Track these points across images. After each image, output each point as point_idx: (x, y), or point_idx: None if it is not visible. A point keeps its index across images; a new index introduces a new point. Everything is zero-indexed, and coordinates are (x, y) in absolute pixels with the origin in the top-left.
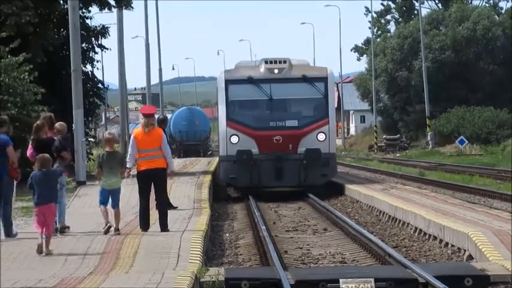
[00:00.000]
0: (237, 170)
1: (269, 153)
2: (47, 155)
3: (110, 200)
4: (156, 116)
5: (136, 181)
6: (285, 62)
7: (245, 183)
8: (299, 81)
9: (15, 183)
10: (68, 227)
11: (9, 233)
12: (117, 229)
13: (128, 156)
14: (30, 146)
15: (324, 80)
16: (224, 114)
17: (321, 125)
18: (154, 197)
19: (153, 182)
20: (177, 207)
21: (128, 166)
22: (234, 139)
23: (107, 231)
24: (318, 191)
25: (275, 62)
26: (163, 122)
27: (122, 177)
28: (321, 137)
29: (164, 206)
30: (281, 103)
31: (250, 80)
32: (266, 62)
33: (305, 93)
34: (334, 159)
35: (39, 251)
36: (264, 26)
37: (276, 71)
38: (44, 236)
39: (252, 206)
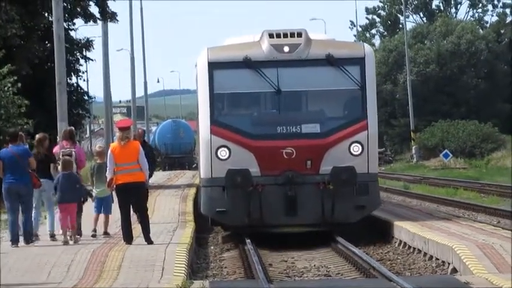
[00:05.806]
0: (227, 201)
1: (276, 174)
2: (69, 158)
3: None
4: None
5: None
6: (299, 35)
7: (240, 220)
8: (322, 64)
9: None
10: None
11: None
12: (105, 232)
13: (107, 170)
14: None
15: (360, 61)
16: (207, 115)
17: (355, 130)
18: (135, 211)
19: (132, 195)
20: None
21: (107, 179)
22: (223, 153)
23: (93, 236)
24: (351, 231)
25: (285, 36)
26: (140, 136)
27: (109, 188)
28: (356, 149)
29: (145, 219)
30: (294, 98)
31: (247, 63)
32: (271, 36)
33: (331, 82)
34: (376, 182)
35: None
36: None
37: (286, 48)
38: (69, 231)
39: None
